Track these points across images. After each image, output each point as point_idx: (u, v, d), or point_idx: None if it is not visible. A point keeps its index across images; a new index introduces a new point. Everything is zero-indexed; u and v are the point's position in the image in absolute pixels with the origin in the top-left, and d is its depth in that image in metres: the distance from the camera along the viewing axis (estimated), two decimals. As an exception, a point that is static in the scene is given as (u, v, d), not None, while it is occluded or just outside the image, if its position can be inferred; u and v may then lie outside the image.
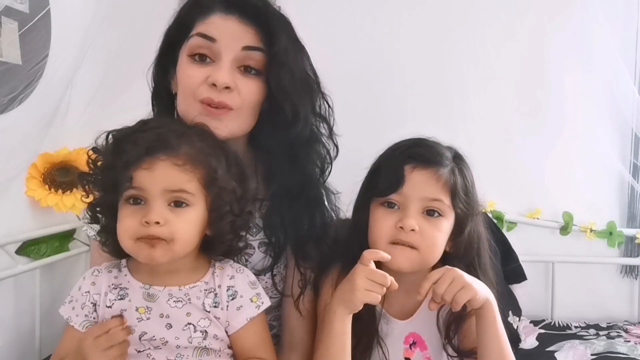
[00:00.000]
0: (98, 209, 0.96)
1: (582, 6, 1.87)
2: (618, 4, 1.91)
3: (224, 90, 0.99)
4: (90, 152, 0.95)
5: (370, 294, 0.95)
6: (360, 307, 0.96)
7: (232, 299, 0.97)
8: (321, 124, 1.10)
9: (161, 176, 0.88)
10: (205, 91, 0.99)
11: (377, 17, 1.96)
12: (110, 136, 0.94)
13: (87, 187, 0.95)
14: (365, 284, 0.95)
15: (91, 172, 0.95)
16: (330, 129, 1.11)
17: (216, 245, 0.97)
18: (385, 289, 0.95)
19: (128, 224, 0.90)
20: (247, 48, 1.01)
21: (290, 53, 1.03)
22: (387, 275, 0.95)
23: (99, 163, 0.94)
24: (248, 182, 0.98)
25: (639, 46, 1.93)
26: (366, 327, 1.05)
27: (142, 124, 0.94)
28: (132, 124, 0.95)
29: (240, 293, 0.97)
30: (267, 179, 1.09)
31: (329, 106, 1.10)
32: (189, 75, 1.01)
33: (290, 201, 1.07)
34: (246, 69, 1.02)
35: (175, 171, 0.89)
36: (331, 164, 1.12)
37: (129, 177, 0.88)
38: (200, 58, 1.01)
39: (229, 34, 1.00)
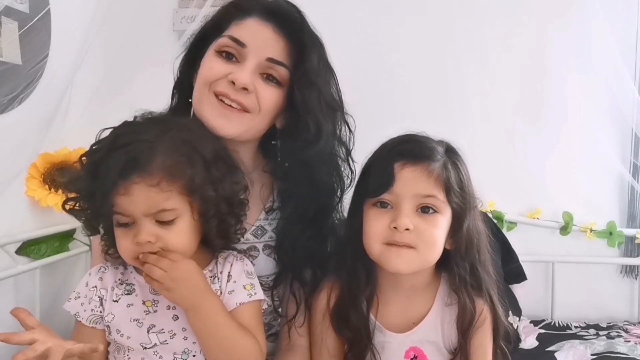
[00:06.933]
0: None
1: (583, 7, 1.87)
2: (618, 4, 1.91)
3: (241, 91, 1.00)
4: (69, 185, 0.94)
5: None
6: None
7: (227, 283, 0.97)
8: (340, 148, 1.10)
9: (140, 200, 0.87)
10: (223, 86, 1.00)
11: (379, 20, 1.95)
12: (85, 158, 0.92)
13: (76, 214, 0.95)
14: None
15: (74, 198, 0.93)
16: (348, 153, 1.11)
17: (212, 244, 0.98)
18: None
19: (124, 245, 0.91)
20: (272, 60, 1.02)
21: (321, 73, 1.04)
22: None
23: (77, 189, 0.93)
24: (237, 174, 0.97)
25: (639, 46, 1.93)
26: (357, 335, 1.02)
27: (114, 138, 0.91)
28: (105, 135, 0.93)
29: (234, 278, 0.98)
30: (283, 195, 1.10)
31: (350, 131, 1.10)
32: (211, 67, 1.02)
33: (303, 227, 1.07)
34: (268, 77, 1.03)
35: (151, 193, 0.87)
36: (342, 189, 1.10)
37: (110, 204, 0.87)
38: (227, 55, 1.02)
39: (260, 40, 1.01)
